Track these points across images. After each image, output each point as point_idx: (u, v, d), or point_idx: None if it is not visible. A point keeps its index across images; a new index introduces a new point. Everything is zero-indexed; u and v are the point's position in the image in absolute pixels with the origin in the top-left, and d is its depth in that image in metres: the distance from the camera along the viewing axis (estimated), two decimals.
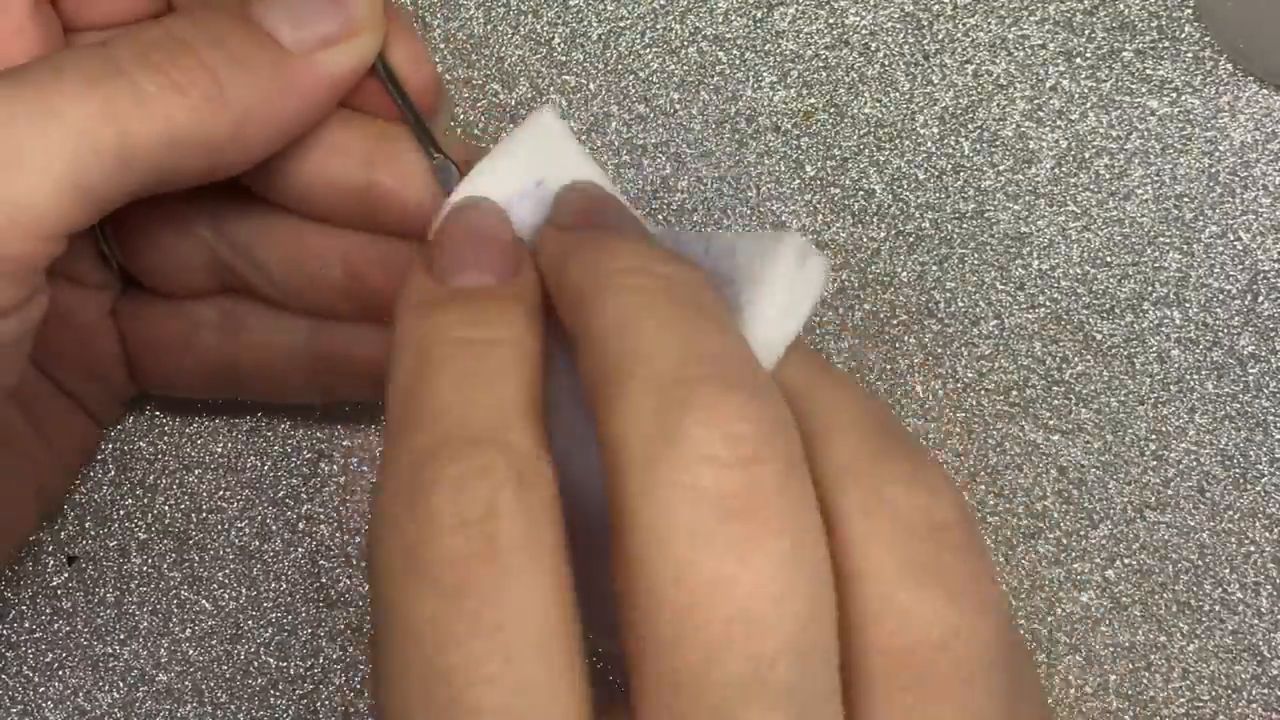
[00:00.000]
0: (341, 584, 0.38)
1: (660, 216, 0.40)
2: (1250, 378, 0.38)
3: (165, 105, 0.29)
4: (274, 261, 0.34)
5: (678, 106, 0.40)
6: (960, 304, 0.39)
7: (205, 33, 0.30)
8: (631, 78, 0.41)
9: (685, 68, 0.41)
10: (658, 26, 0.41)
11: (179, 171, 0.30)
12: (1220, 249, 0.39)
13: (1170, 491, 0.38)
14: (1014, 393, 0.39)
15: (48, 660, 0.38)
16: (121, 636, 0.38)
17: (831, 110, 0.40)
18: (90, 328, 0.36)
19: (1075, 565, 0.38)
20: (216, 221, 0.34)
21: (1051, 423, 0.38)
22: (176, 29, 0.30)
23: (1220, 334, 0.38)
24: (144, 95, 0.29)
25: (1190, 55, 0.40)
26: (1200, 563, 0.38)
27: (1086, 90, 0.40)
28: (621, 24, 0.41)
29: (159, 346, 0.36)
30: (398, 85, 0.33)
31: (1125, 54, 0.40)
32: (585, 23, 0.41)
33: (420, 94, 0.33)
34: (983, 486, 0.38)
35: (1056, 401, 0.38)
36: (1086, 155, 0.40)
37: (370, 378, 0.35)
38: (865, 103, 0.40)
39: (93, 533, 0.39)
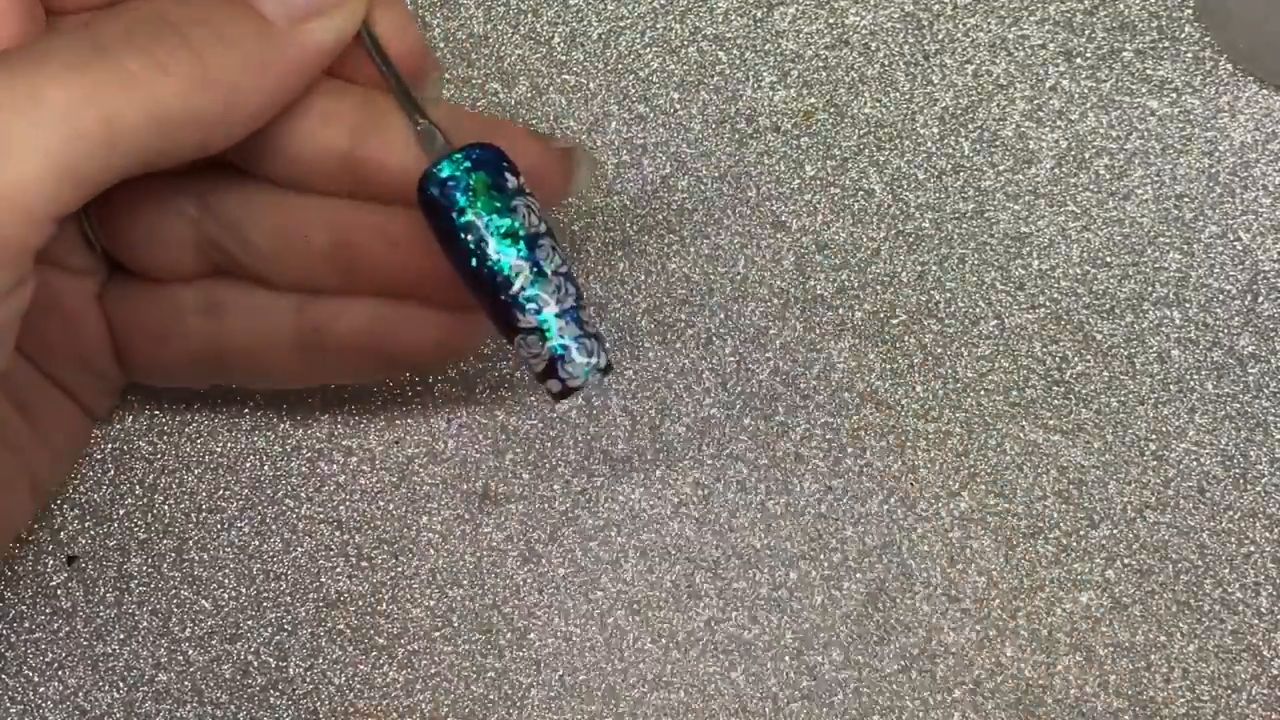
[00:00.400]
0: (341, 584, 0.38)
1: (660, 217, 0.40)
2: (1250, 378, 0.38)
3: (151, 85, 0.29)
4: (261, 234, 0.34)
5: (678, 106, 0.40)
6: (960, 304, 0.39)
7: (189, 10, 0.30)
8: (631, 78, 0.41)
9: (685, 68, 0.41)
10: (658, 26, 0.41)
11: (167, 150, 0.30)
12: (1220, 249, 0.39)
13: (1170, 491, 0.38)
14: (1014, 393, 0.39)
15: (48, 660, 0.38)
16: (121, 636, 0.38)
17: (831, 110, 0.40)
18: (77, 314, 0.36)
19: (1075, 565, 0.38)
20: (201, 198, 0.34)
21: (1051, 423, 0.38)
22: (160, 8, 0.30)
23: (1220, 334, 0.38)
24: (129, 76, 0.29)
25: (1190, 55, 0.40)
26: (1200, 563, 0.38)
27: (1086, 90, 0.40)
28: (621, 24, 0.41)
29: (144, 333, 0.36)
30: (381, 52, 0.33)
31: (1125, 54, 0.40)
32: (585, 22, 0.41)
33: (405, 60, 0.33)
34: (983, 486, 0.38)
35: (1056, 401, 0.38)
36: (1086, 155, 0.40)
37: (356, 355, 0.35)
38: (865, 103, 0.40)
39: (92, 532, 0.39)
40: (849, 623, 0.38)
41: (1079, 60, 0.40)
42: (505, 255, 0.31)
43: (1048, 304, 0.39)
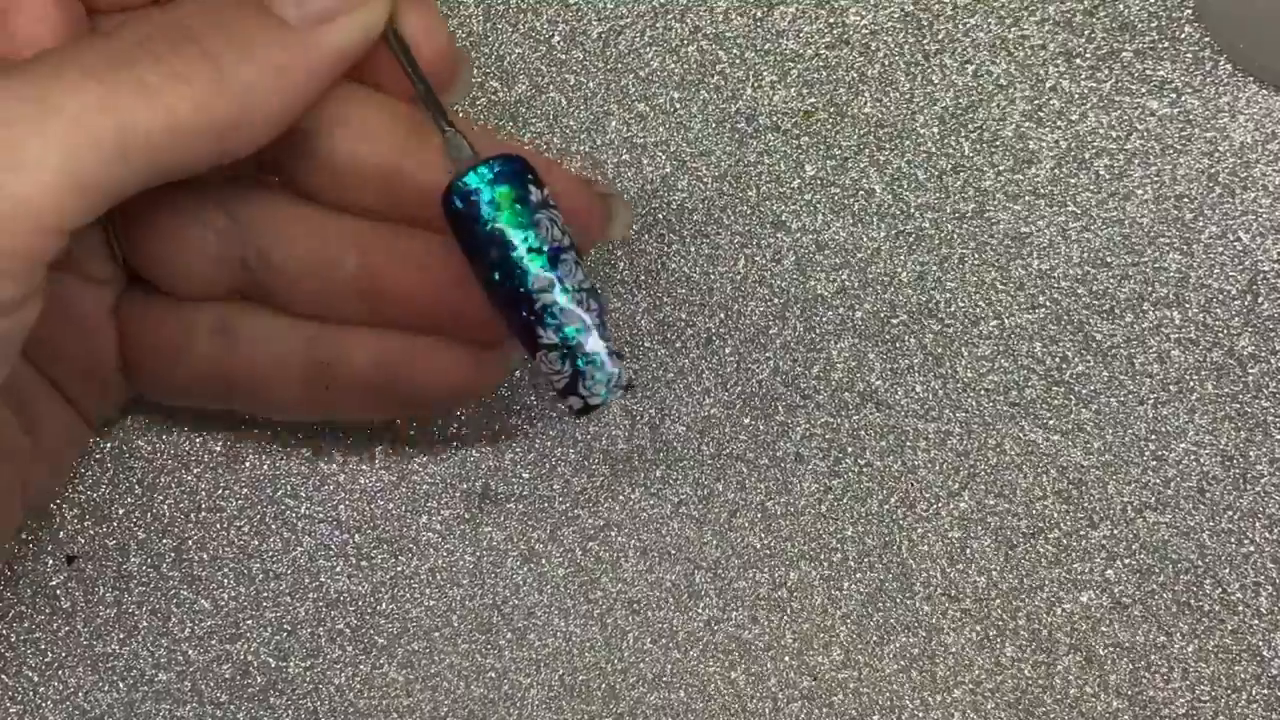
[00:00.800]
0: (341, 584, 0.38)
1: (660, 216, 0.40)
2: (1250, 378, 0.38)
3: (166, 95, 0.29)
4: (287, 254, 0.34)
5: (678, 106, 0.40)
6: (960, 304, 0.39)
7: (209, 17, 0.30)
8: (631, 77, 0.41)
9: (685, 67, 0.41)
10: (658, 26, 0.41)
11: (184, 159, 0.29)
12: (1220, 249, 0.39)
13: (1170, 491, 0.38)
14: (1014, 393, 0.39)
15: (48, 660, 0.38)
16: (121, 636, 0.38)
17: (831, 110, 0.40)
18: (91, 324, 0.36)
19: (1075, 565, 0.38)
20: (231, 212, 0.34)
21: (1051, 423, 0.38)
22: (181, 15, 0.30)
23: (1220, 334, 0.38)
24: (145, 86, 0.29)
25: (1190, 55, 0.40)
26: (1200, 563, 0.38)
27: (1086, 90, 0.40)
28: (621, 23, 0.41)
29: (155, 349, 0.36)
30: (408, 55, 0.32)
31: (1125, 54, 0.40)
32: (585, 21, 0.41)
33: (434, 64, 0.33)
34: (983, 486, 0.38)
35: (1056, 401, 0.38)
36: (1086, 155, 0.40)
37: (366, 391, 0.35)
38: (865, 103, 0.40)
39: (91, 532, 0.39)
40: (849, 623, 0.38)
41: (1079, 60, 0.40)
42: (528, 269, 0.31)
43: (1048, 304, 0.39)
